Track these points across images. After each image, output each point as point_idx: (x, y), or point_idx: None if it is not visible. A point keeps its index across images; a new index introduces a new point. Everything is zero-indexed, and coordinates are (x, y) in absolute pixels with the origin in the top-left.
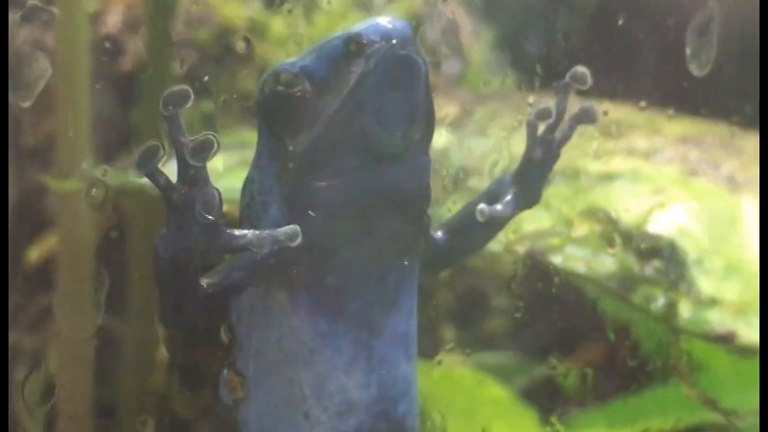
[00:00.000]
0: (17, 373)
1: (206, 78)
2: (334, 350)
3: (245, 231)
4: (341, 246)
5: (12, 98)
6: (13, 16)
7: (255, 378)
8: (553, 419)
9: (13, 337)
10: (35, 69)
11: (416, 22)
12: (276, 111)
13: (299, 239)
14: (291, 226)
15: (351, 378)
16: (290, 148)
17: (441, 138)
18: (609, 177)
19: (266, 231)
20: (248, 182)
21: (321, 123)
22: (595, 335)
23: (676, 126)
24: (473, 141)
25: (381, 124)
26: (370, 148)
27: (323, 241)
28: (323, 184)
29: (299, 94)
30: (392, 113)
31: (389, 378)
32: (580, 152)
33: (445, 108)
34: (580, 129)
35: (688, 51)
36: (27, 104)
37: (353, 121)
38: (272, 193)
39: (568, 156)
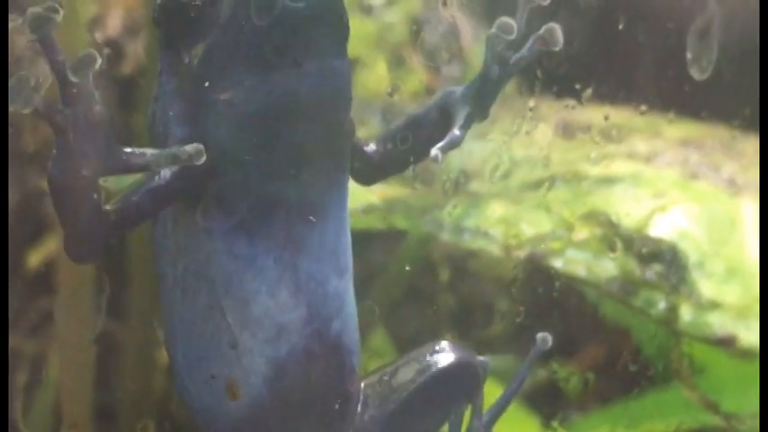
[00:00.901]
0: (18, 378)
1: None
2: (256, 272)
3: (144, 150)
4: (252, 160)
5: (11, 105)
6: (14, 22)
7: (178, 310)
8: (554, 423)
9: (13, 341)
10: (35, 75)
11: (416, 27)
12: (170, 21)
13: (204, 158)
14: (194, 144)
15: (277, 300)
16: (187, 61)
17: None
18: (609, 181)
19: (167, 150)
20: (152, 102)
21: (216, 31)
22: (596, 338)
23: (677, 129)
24: (473, 145)
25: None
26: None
27: (232, 157)
28: (224, 96)
29: (194, 1)
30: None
31: (319, 296)
32: (580, 156)
33: None
34: (581, 133)
35: (689, 55)
36: (27, 111)
37: (248, 23)
38: (174, 109)
39: (569, 159)
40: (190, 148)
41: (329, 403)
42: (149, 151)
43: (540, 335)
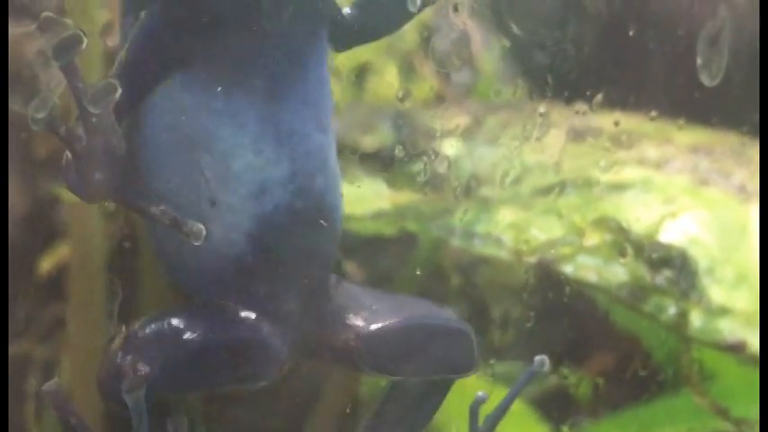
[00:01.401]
0: (30, 383)
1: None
2: (236, 127)
3: (151, 200)
4: (227, 14)
5: (26, 109)
6: (28, 28)
7: (149, 167)
8: (564, 429)
9: (25, 347)
10: (49, 81)
11: (427, 33)
12: None
13: (203, 238)
14: (198, 224)
15: (259, 156)
16: None
17: (452, 147)
18: (620, 187)
19: (174, 214)
20: None
21: None
22: (606, 344)
23: (687, 136)
24: (484, 151)
25: None
26: None
27: (208, 10)
28: None
29: None
30: None
31: (302, 152)
32: (591, 162)
33: (456, 118)
34: (591, 139)
35: (699, 61)
36: (41, 116)
37: None
38: None
39: (579, 165)
40: (193, 225)
41: (312, 264)
42: (155, 205)
43: (538, 357)
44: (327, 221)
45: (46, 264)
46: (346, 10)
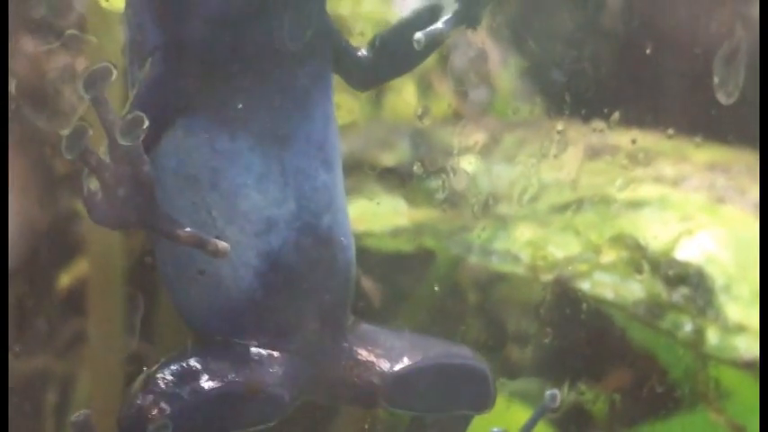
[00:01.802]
0: (49, 398)
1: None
2: (241, 167)
3: (177, 223)
4: (230, 60)
5: (49, 126)
6: (52, 45)
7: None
8: None
9: (43, 362)
10: (72, 97)
11: (446, 51)
12: None
13: (227, 252)
14: (223, 243)
15: (265, 194)
16: None
17: (470, 165)
18: (637, 204)
19: (199, 234)
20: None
21: None
22: (623, 361)
23: (704, 153)
24: (502, 168)
25: None
26: None
27: (210, 57)
28: None
29: None
30: None
31: (308, 190)
32: (608, 179)
33: (474, 135)
34: (608, 156)
35: (715, 80)
36: (66, 132)
37: None
38: (147, 14)
39: (596, 183)
40: (218, 243)
41: (324, 301)
42: (183, 228)
43: (549, 393)
44: (337, 259)
45: (66, 279)
46: (362, 51)
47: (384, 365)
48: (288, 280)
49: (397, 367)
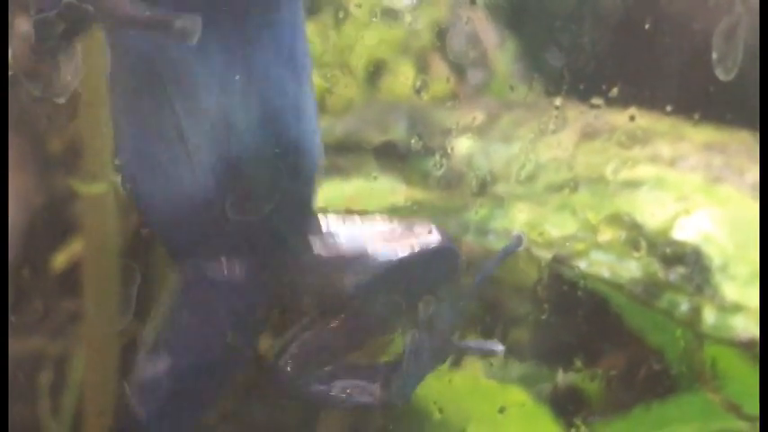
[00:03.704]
0: (43, 378)
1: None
2: (205, 65)
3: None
4: None
5: (46, 94)
6: (49, 14)
7: (126, 113)
8: (577, 426)
9: (38, 342)
10: (70, 66)
11: (442, 30)
12: None
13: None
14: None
15: (229, 97)
16: None
17: (467, 144)
18: (633, 184)
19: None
20: None
21: None
22: (620, 342)
23: (701, 134)
24: (499, 147)
25: None
26: None
27: None
28: None
29: None
30: None
31: (274, 98)
32: (605, 159)
33: (471, 115)
34: (605, 136)
35: (714, 55)
36: (62, 101)
37: None
38: None
39: (593, 162)
40: (187, 19)
41: (286, 210)
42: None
43: (515, 234)
44: (302, 166)
45: (61, 258)
46: None
47: (351, 274)
48: (249, 187)
49: (365, 273)
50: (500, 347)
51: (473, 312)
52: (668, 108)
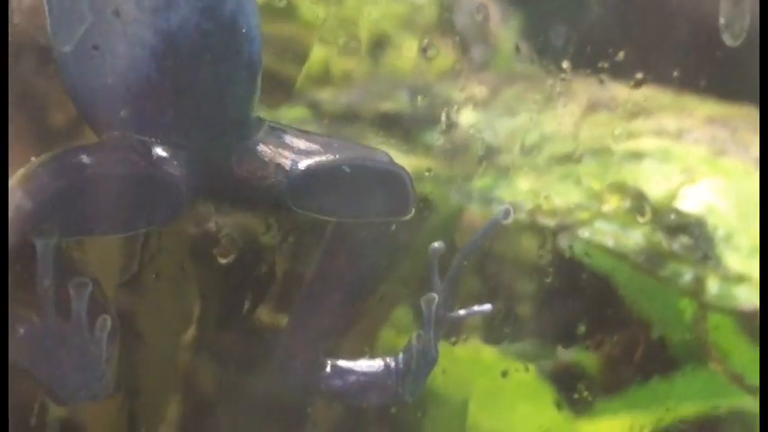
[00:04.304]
0: None
1: None
2: None
3: None
4: None
5: (54, 42)
6: None
7: None
8: (577, 397)
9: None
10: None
11: (446, 6)
12: None
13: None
14: None
15: None
16: None
17: (469, 117)
18: (637, 156)
19: None
20: None
21: None
22: (623, 317)
23: (705, 107)
24: (502, 120)
25: None
26: None
27: None
28: None
29: None
30: None
31: None
32: (609, 131)
33: (473, 88)
34: (609, 108)
35: (721, 20)
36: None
37: None
38: None
39: (597, 134)
40: None
41: (225, 95)
42: None
43: (503, 207)
44: (242, 51)
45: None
46: None
47: (290, 164)
48: (186, 65)
49: (304, 165)
50: (487, 306)
51: (474, 289)
52: (675, 73)
